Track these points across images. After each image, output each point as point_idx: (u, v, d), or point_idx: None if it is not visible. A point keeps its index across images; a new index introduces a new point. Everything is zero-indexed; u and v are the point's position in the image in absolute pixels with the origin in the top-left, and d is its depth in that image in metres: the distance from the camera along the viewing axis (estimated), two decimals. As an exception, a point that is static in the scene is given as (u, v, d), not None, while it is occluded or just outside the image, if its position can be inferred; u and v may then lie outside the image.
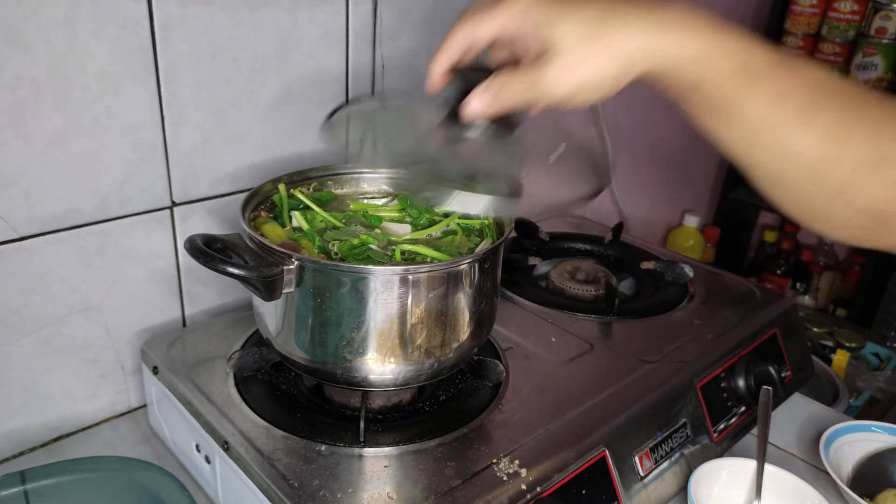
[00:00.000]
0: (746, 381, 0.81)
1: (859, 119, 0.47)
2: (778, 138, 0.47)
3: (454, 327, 0.63)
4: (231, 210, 0.82)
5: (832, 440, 0.77)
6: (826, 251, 1.97)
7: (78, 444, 0.76)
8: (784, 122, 0.47)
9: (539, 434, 0.64)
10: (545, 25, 0.47)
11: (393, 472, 0.59)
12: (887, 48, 1.62)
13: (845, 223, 0.50)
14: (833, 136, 0.46)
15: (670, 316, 0.88)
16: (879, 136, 0.46)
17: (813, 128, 0.46)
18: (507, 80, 0.50)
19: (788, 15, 1.74)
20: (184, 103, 0.74)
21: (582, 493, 0.62)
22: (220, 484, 0.65)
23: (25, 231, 0.67)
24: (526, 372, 0.73)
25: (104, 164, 0.70)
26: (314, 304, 0.59)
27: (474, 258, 0.62)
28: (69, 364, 0.75)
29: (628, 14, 0.47)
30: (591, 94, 0.48)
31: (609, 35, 0.46)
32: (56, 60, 0.64)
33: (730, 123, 0.48)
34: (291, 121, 0.84)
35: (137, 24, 0.68)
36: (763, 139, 0.48)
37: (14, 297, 0.69)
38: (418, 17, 0.92)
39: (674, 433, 0.72)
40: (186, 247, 0.56)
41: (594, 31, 0.47)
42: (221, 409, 0.65)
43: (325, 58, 0.84)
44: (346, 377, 0.62)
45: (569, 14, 0.47)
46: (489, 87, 0.51)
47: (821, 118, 0.46)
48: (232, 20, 0.74)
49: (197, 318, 0.84)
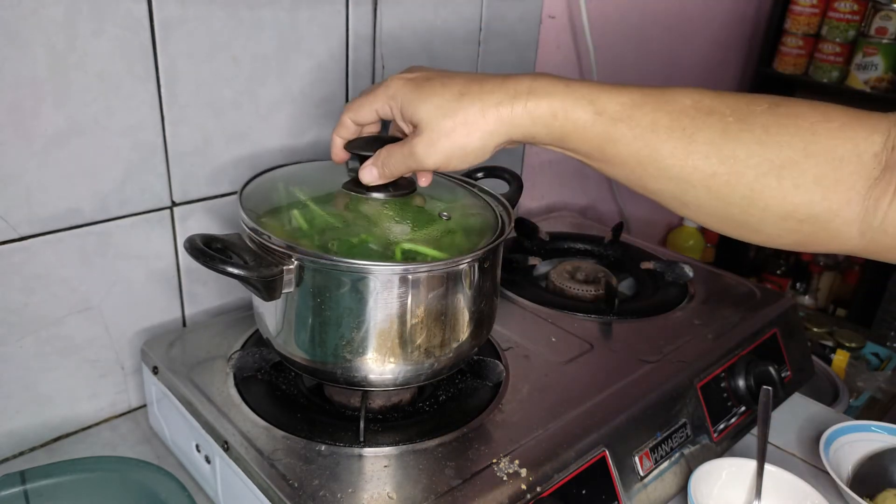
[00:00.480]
0: (746, 381, 0.81)
1: (745, 129, 0.48)
2: (660, 166, 0.51)
3: (454, 327, 0.63)
4: (231, 210, 0.82)
5: (832, 440, 0.77)
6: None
7: (78, 444, 0.76)
8: (660, 150, 0.50)
9: (539, 434, 0.64)
10: (409, 107, 0.56)
11: (393, 472, 0.59)
12: (887, 48, 1.62)
13: (776, 231, 0.51)
14: (718, 151, 0.49)
15: (670, 316, 0.88)
16: (767, 144, 0.48)
17: (694, 147, 0.49)
18: (388, 153, 0.59)
19: (788, 15, 1.74)
20: (184, 103, 0.74)
21: (582, 493, 0.62)
22: (220, 484, 0.65)
23: (25, 231, 0.67)
24: (526, 372, 0.73)
25: (104, 164, 0.70)
26: (314, 304, 0.59)
27: (474, 257, 0.62)
28: (69, 364, 0.75)
29: (482, 91, 0.54)
30: (460, 162, 0.56)
31: (464, 112, 0.54)
32: (56, 60, 0.64)
33: (610, 164, 0.53)
34: (291, 121, 0.84)
35: (137, 24, 0.68)
36: (646, 170, 0.52)
37: (14, 297, 0.69)
38: (418, 18, 0.92)
39: (674, 433, 0.72)
40: (186, 247, 0.56)
41: (450, 110, 0.54)
42: (221, 409, 0.65)
43: (325, 58, 0.84)
44: (346, 377, 0.62)
45: (429, 96, 0.55)
46: (375, 160, 0.60)
47: (700, 136, 0.49)
48: (232, 20, 0.74)
49: (197, 318, 0.84)
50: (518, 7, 1.06)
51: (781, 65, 1.77)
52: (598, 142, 0.52)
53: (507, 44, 1.07)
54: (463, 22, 0.98)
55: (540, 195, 1.31)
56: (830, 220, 0.48)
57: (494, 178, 0.85)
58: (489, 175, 0.85)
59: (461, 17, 0.97)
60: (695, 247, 1.75)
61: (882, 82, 1.64)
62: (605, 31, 1.27)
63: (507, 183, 0.83)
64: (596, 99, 0.52)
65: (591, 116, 0.52)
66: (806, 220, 0.48)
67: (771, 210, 0.49)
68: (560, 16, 1.17)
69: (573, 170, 1.35)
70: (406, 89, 0.57)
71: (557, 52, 1.20)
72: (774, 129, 0.48)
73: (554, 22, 1.17)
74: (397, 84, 0.58)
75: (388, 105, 0.59)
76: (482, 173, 0.85)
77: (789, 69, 1.76)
